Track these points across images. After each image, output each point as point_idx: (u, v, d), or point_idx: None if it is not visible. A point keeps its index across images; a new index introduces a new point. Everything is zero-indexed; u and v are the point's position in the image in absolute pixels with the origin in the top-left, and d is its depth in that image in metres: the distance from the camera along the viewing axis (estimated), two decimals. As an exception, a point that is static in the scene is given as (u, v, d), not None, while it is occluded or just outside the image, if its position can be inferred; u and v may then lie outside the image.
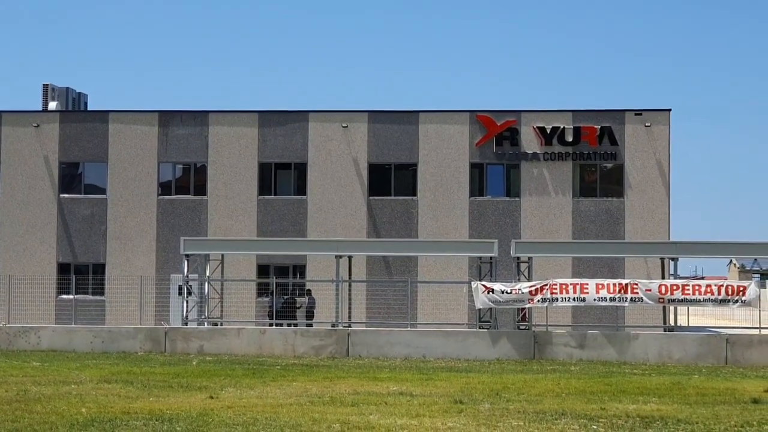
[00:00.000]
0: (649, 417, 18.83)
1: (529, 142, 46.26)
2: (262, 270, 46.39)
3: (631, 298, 35.04)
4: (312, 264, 45.84)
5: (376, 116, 46.99)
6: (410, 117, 46.95)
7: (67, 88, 51.74)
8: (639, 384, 25.24)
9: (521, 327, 37.13)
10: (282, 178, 47.23)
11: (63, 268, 46.86)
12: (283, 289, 42.94)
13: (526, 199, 46.22)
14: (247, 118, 47.28)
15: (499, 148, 46.33)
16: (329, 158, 46.69)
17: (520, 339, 35.44)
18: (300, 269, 46.55)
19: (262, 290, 44.35)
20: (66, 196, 47.34)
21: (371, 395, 21.98)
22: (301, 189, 46.96)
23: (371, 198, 46.57)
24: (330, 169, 46.67)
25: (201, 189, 47.19)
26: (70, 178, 47.75)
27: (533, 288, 35.30)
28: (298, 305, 42.31)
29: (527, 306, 36.01)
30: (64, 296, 45.85)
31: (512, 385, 24.52)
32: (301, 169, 47.01)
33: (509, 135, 46.31)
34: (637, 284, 35.17)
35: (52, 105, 49.52)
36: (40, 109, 49.78)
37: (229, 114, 47.64)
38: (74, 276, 45.06)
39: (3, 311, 44.11)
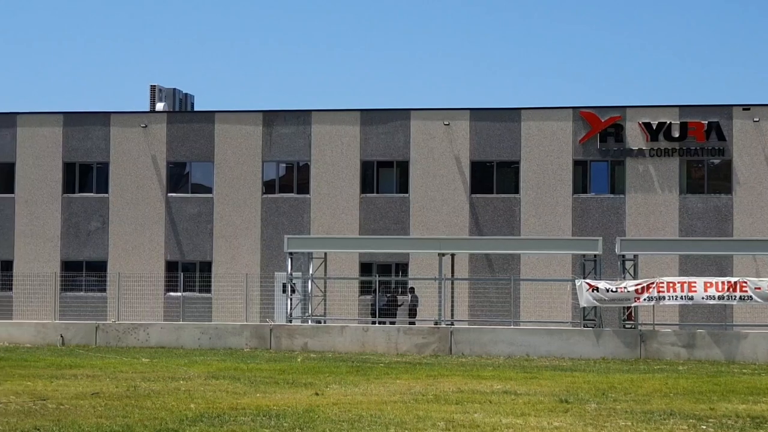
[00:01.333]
0: (759, 417, 18.46)
1: (634, 138, 45.67)
2: (365, 268, 46.60)
3: (740, 296, 34.41)
4: (414, 262, 45.89)
5: (478, 113, 46.86)
6: (513, 114, 46.71)
7: (174, 89, 52.64)
8: (749, 384, 24.76)
9: (627, 326, 36.70)
10: (384, 176, 47.38)
11: (171, 266, 47.65)
12: (385, 287, 43.06)
13: (631, 196, 45.66)
14: (350, 116, 47.52)
15: (603, 145, 45.83)
16: (431, 156, 46.69)
17: (625, 338, 35.03)
18: (402, 267, 46.65)
19: (365, 288, 44.55)
20: (173, 195, 48.12)
21: (475, 393, 21.93)
22: (403, 187, 47.05)
23: (473, 196, 46.45)
24: (432, 166, 46.67)
25: (304, 187, 47.57)
26: (177, 177, 48.54)
27: (639, 286, 34.87)
28: (400, 303, 42.42)
29: (633, 304, 35.57)
30: (172, 293, 46.61)
31: (619, 385, 24.24)
32: (403, 166, 47.09)
33: (614, 131, 45.78)
34: (746, 282, 34.52)
35: (160, 106, 50.38)
36: (148, 109, 50.69)
37: (332, 113, 47.94)
38: (182, 274, 45.80)
39: (113, 308, 45.00)
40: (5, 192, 48.74)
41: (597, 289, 34.98)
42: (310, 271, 39.75)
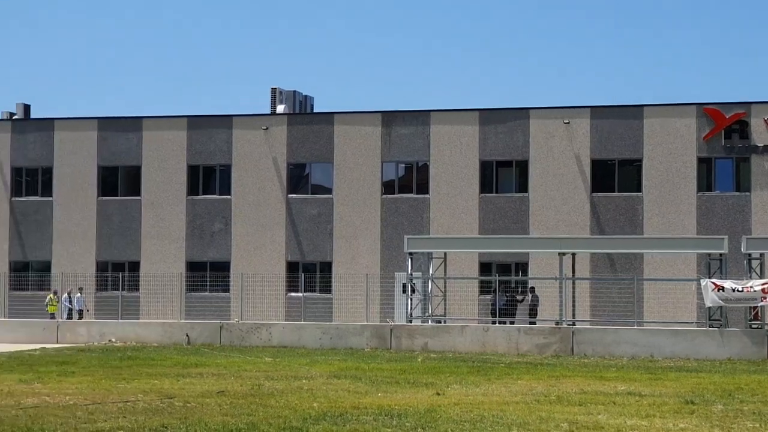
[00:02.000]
0: None
1: (760, 134, 44.63)
2: (485, 268, 46.44)
3: None
4: (534, 261, 45.57)
5: (599, 111, 46.32)
6: (634, 111, 46.05)
7: (294, 91, 53.24)
8: None
9: (753, 326, 35.89)
10: (503, 175, 47.16)
11: (292, 267, 48.16)
12: (505, 287, 42.85)
13: (757, 193, 44.63)
14: (469, 116, 47.41)
15: (728, 142, 44.90)
16: (551, 155, 46.32)
17: (752, 338, 34.27)
18: (522, 267, 46.37)
19: (485, 288, 44.40)
20: (294, 196, 48.64)
21: (599, 394, 21.69)
22: (522, 186, 46.76)
23: (594, 195, 45.93)
24: (552, 165, 46.29)
25: (423, 187, 47.62)
26: (297, 178, 49.05)
27: (766, 285, 34.07)
28: (521, 299, 42.18)
29: (760, 304, 34.77)
30: (293, 294, 47.12)
31: (746, 386, 23.73)
32: (523, 166, 46.81)
33: (738, 128, 44.80)
34: None
35: (280, 108, 50.99)
36: (269, 112, 51.34)
37: (451, 113, 47.90)
38: (302, 274, 46.28)
39: (236, 308, 45.69)
40: (132, 194, 49.86)
41: (722, 288, 34.27)
42: (430, 271, 39.77)
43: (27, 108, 53.86)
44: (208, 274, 48.46)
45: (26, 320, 43.83)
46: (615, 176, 46.00)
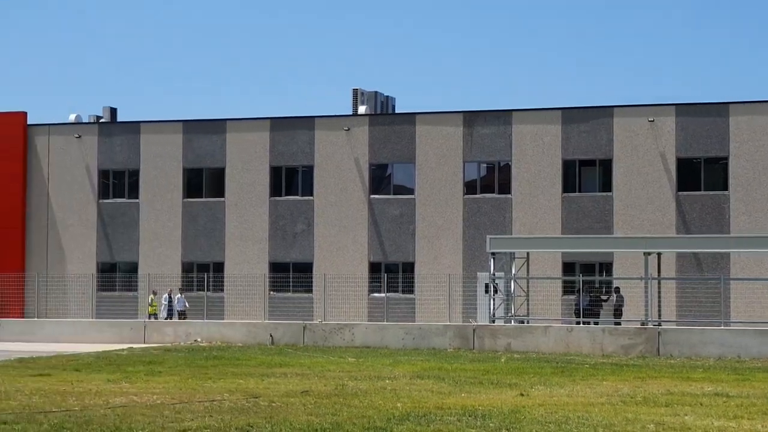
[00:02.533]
0: None
1: None
2: (568, 267, 46.12)
3: None
4: (619, 261, 45.14)
5: (684, 109, 45.72)
6: (720, 108, 45.37)
7: (376, 91, 53.35)
8: None
9: None
10: (586, 174, 46.77)
11: (374, 267, 48.28)
12: (589, 287, 42.50)
13: None
14: (551, 115, 47.11)
15: (817, 139, 44.05)
16: (635, 153, 45.83)
17: (844, 339, 33.55)
18: (606, 267, 45.95)
19: (568, 288, 44.08)
20: (376, 196, 48.76)
21: (685, 395, 21.41)
22: (606, 185, 46.33)
23: (680, 193, 45.34)
24: (636, 164, 45.80)
25: (505, 187, 47.43)
26: (379, 179, 49.17)
27: None
28: (604, 300, 41.80)
29: None
30: (376, 294, 47.24)
31: (837, 388, 23.24)
32: (606, 165, 46.38)
33: (828, 124, 43.90)
34: None
35: (362, 109, 51.16)
36: (351, 113, 51.55)
37: (533, 112, 47.62)
38: (385, 275, 46.38)
39: (319, 309, 45.96)
40: (216, 196, 50.39)
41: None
42: (513, 271, 39.60)
43: (114, 112, 54.74)
44: (291, 274, 48.80)
45: (114, 320, 44.53)
46: (701, 174, 45.37)
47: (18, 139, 51.87)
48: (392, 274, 47.42)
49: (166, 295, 45.68)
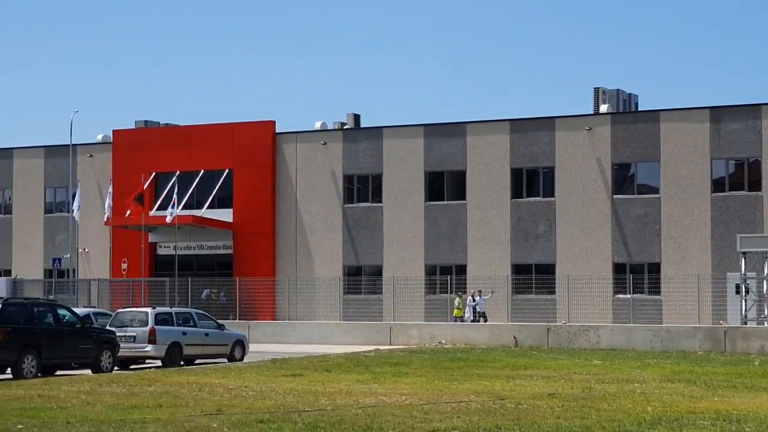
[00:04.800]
0: None
1: None
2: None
3: None
4: None
5: None
6: None
7: (618, 89, 52.50)
8: None
9: None
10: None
11: (618, 268, 47.44)
12: None
13: None
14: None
15: None
16: None
17: None
18: None
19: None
20: (619, 196, 47.92)
21: None
22: None
23: None
24: None
25: (755, 184, 45.71)
26: (622, 178, 48.30)
27: None
28: None
29: None
30: (621, 295, 46.42)
31: None
32: None
33: None
34: None
35: (604, 107, 50.42)
36: (592, 112, 50.87)
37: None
38: (630, 275, 45.53)
39: (562, 310, 45.58)
40: (458, 199, 50.69)
41: None
42: (765, 271, 38.15)
43: (357, 118, 55.96)
44: (533, 276, 48.55)
45: (360, 323, 45.54)
46: None
47: (267, 148, 53.75)
48: (637, 275, 46.48)
49: (469, 297, 45.90)
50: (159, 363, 32.18)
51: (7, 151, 59.42)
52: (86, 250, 56.37)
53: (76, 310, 32.43)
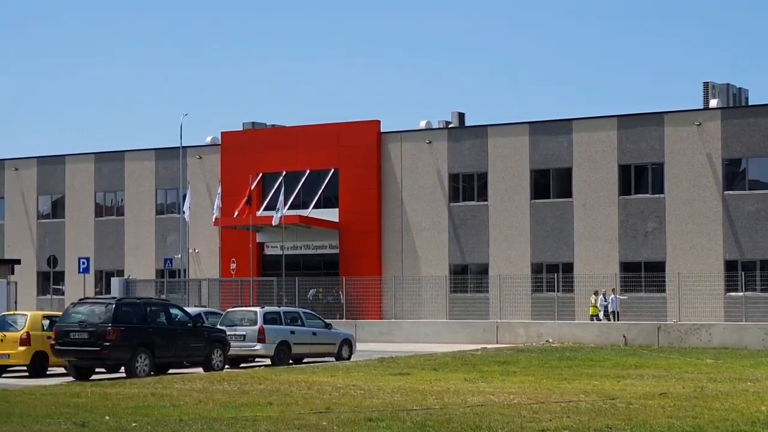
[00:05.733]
0: None
1: None
2: None
3: None
4: None
5: None
6: None
7: (728, 84, 51.53)
8: None
9: None
10: None
11: (730, 265, 46.53)
12: None
13: None
14: None
15: None
16: None
17: None
18: None
19: None
20: (730, 192, 47.01)
21: None
22: None
23: None
24: None
25: None
26: (733, 174, 47.38)
27: None
28: None
29: None
30: (732, 293, 45.53)
31: None
32: None
33: None
34: None
35: (713, 102, 49.53)
36: (701, 107, 50.00)
37: None
38: (742, 273, 44.64)
39: (673, 309, 44.87)
40: (564, 196, 50.27)
41: None
42: None
43: (461, 116, 55.86)
44: (642, 273, 47.89)
45: (467, 321, 45.47)
46: None
47: (372, 147, 53.96)
48: (749, 272, 45.52)
49: (601, 297, 45.44)
50: (268, 362, 32.55)
51: (119, 154, 60.70)
52: (196, 251, 57.28)
53: (187, 309, 32.94)
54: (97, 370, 28.62)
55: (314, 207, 54.46)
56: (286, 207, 52.73)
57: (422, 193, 52.93)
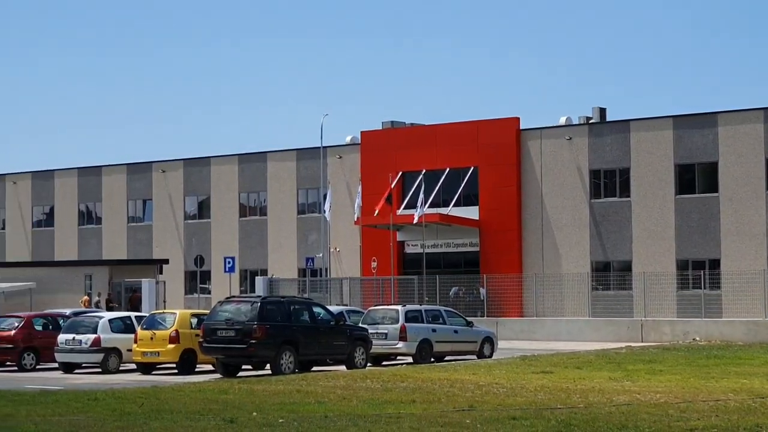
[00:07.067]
0: None
1: None
2: None
3: None
4: None
5: None
6: None
7: None
8: None
9: None
10: None
11: None
12: None
13: None
14: None
15: None
16: None
17: None
18: None
19: None
20: None
21: None
22: None
23: None
24: None
25: None
26: None
27: None
28: None
29: None
30: None
31: None
32: None
33: None
34: None
35: None
36: None
37: None
38: None
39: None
40: (709, 191, 49.20)
41: None
42: None
43: (603, 111, 55.15)
44: (792, 270, 46.53)
45: (610, 319, 44.88)
46: None
47: (511, 145, 53.67)
48: None
49: None
50: (410, 360, 32.67)
51: (261, 155, 61.71)
52: (337, 249, 57.86)
53: (329, 307, 33.29)
54: (243, 367, 29.14)
55: (454, 205, 54.44)
56: (427, 205, 52.85)
57: (562, 189, 52.43)
